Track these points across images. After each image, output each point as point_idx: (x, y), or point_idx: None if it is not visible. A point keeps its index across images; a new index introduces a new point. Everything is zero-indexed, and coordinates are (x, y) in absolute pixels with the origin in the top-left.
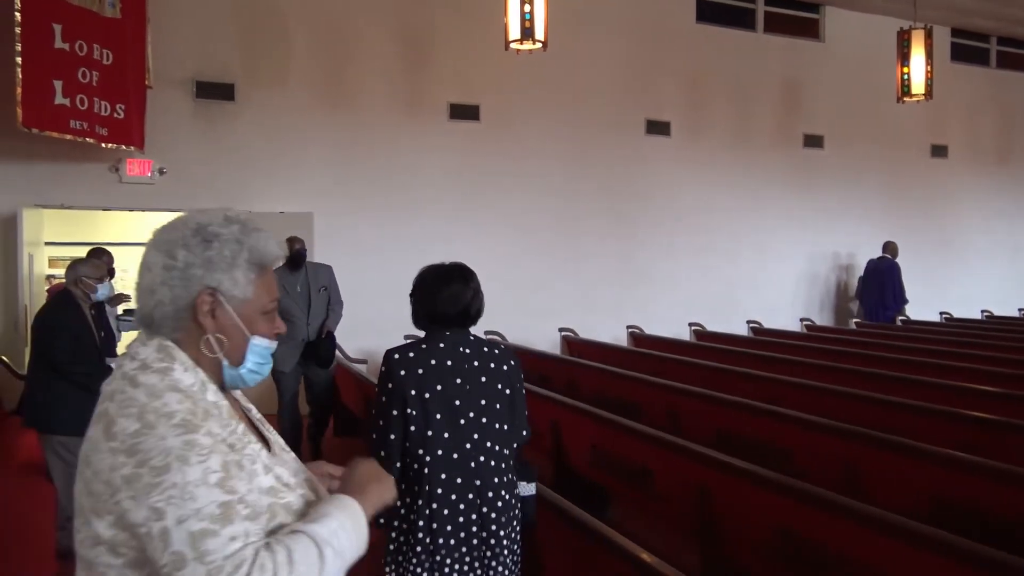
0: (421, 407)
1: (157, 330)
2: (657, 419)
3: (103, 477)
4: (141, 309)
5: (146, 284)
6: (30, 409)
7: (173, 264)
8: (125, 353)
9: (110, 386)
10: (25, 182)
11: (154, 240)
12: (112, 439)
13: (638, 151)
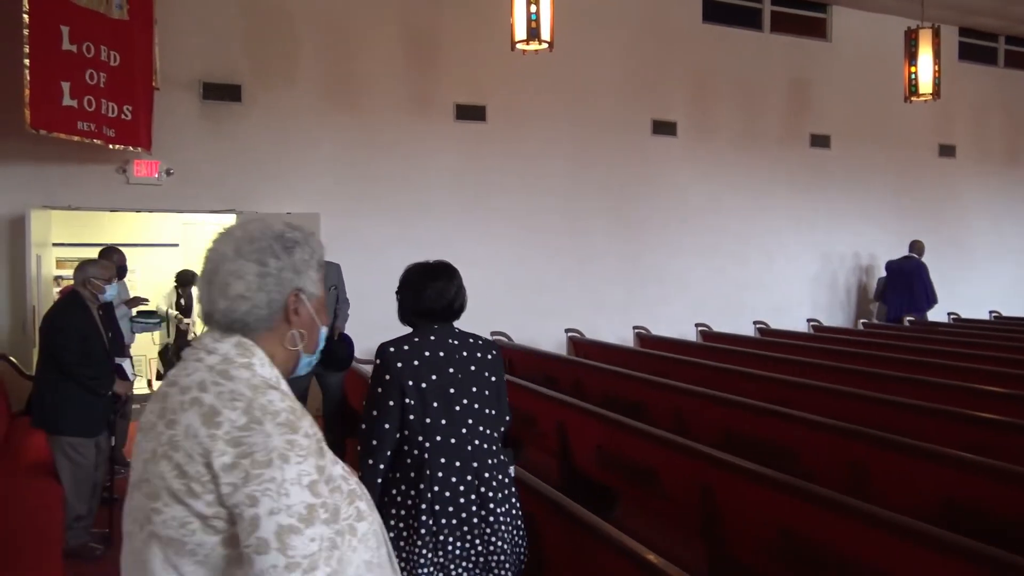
0: (419, 396)
1: (246, 331)
2: (663, 419)
3: (202, 461)
4: (231, 314)
5: (238, 291)
6: (38, 410)
7: (267, 271)
8: (197, 346)
9: (192, 377)
10: (33, 183)
11: (237, 249)
12: (215, 428)
13: (644, 151)
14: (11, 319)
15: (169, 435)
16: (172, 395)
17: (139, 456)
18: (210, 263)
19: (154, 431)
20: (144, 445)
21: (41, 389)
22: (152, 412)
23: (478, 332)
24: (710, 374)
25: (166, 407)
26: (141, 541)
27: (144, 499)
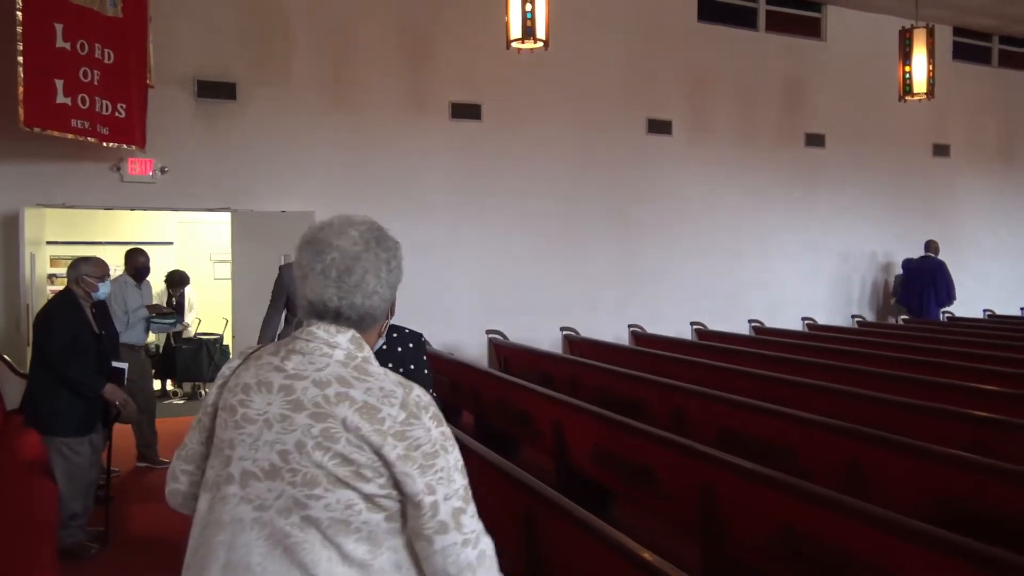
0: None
1: (364, 324)
2: (659, 418)
3: (371, 450)
4: (359, 308)
5: (371, 287)
6: (31, 411)
7: (391, 269)
8: (311, 338)
9: (326, 371)
10: (27, 181)
11: (367, 247)
12: (379, 424)
13: (640, 150)
14: (5, 318)
15: (321, 428)
16: (305, 388)
17: (260, 443)
18: (340, 260)
19: (289, 422)
20: (266, 435)
21: (33, 388)
22: (273, 400)
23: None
24: (706, 372)
25: (301, 400)
26: (291, 525)
27: (288, 487)
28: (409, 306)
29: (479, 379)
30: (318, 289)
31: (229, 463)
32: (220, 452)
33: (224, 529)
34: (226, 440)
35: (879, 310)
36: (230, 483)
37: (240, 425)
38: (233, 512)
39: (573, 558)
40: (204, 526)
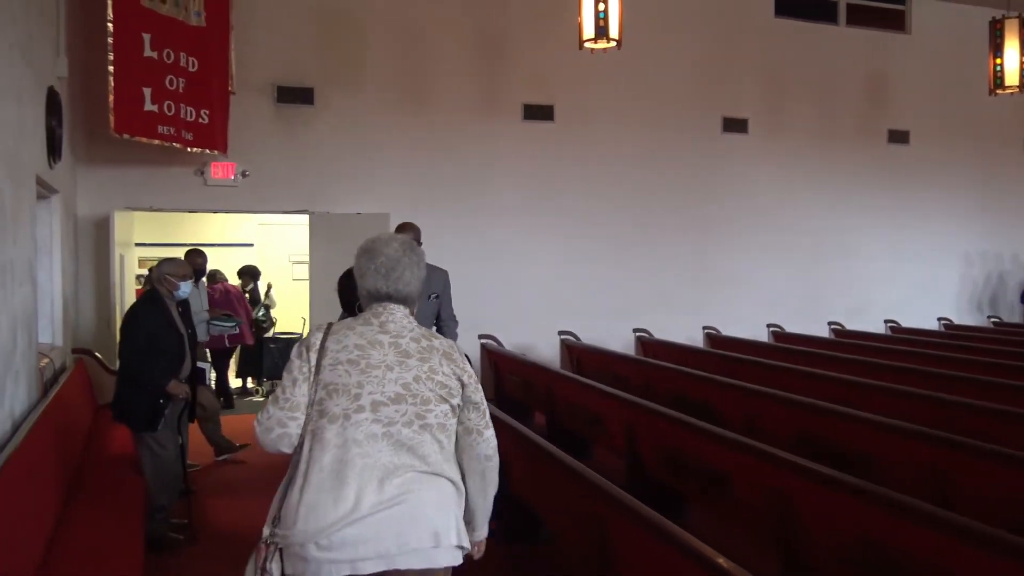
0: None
1: (408, 304)
2: (734, 422)
3: (455, 378)
4: (415, 297)
5: (419, 281)
6: (120, 406)
7: (420, 267)
8: (392, 312)
9: (414, 332)
10: (117, 186)
11: (416, 253)
12: (454, 363)
13: (715, 149)
14: (96, 317)
15: (427, 366)
16: (407, 343)
17: (387, 380)
18: (389, 260)
19: (407, 364)
20: (392, 374)
21: (121, 384)
22: (386, 351)
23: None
24: (782, 376)
25: (407, 350)
26: (414, 431)
27: (411, 407)
28: (482, 307)
29: (551, 380)
30: (376, 283)
31: (360, 398)
32: (346, 392)
33: (359, 443)
34: (353, 383)
35: (971, 312)
36: (361, 412)
37: (366, 371)
38: (367, 430)
39: (645, 562)
40: (341, 445)
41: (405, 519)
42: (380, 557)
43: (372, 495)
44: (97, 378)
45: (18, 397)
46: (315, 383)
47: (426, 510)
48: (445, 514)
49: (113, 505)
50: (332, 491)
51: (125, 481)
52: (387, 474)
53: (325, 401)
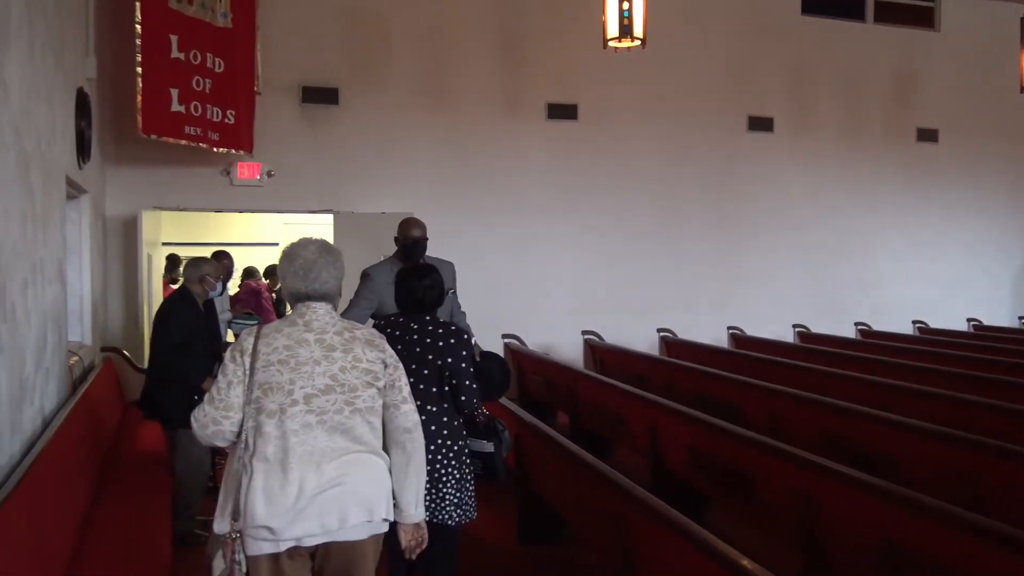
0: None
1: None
2: (759, 423)
3: (380, 364)
4: (334, 294)
5: (337, 280)
6: (151, 404)
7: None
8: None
9: (336, 327)
10: (144, 186)
11: (332, 254)
12: (378, 351)
13: (740, 148)
14: (124, 315)
15: (351, 356)
16: (331, 337)
17: (316, 374)
18: (307, 263)
19: (332, 357)
20: (319, 368)
21: (153, 381)
22: (312, 348)
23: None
24: (808, 377)
25: (332, 344)
26: (344, 416)
27: (341, 395)
28: (505, 306)
29: (574, 379)
30: (295, 284)
31: (292, 393)
32: (280, 389)
33: (296, 433)
34: (285, 380)
35: (1001, 313)
36: (295, 405)
37: (296, 368)
38: (302, 420)
39: (667, 562)
40: (280, 436)
41: (345, 498)
42: (324, 532)
43: (313, 478)
44: (125, 376)
45: (48, 394)
46: (251, 384)
47: (362, 489)
48: (378, 490)
49: (141, 501)
50: (279, 479)
51: (153, 478)
52: (324, 457)
53: (262, 399)
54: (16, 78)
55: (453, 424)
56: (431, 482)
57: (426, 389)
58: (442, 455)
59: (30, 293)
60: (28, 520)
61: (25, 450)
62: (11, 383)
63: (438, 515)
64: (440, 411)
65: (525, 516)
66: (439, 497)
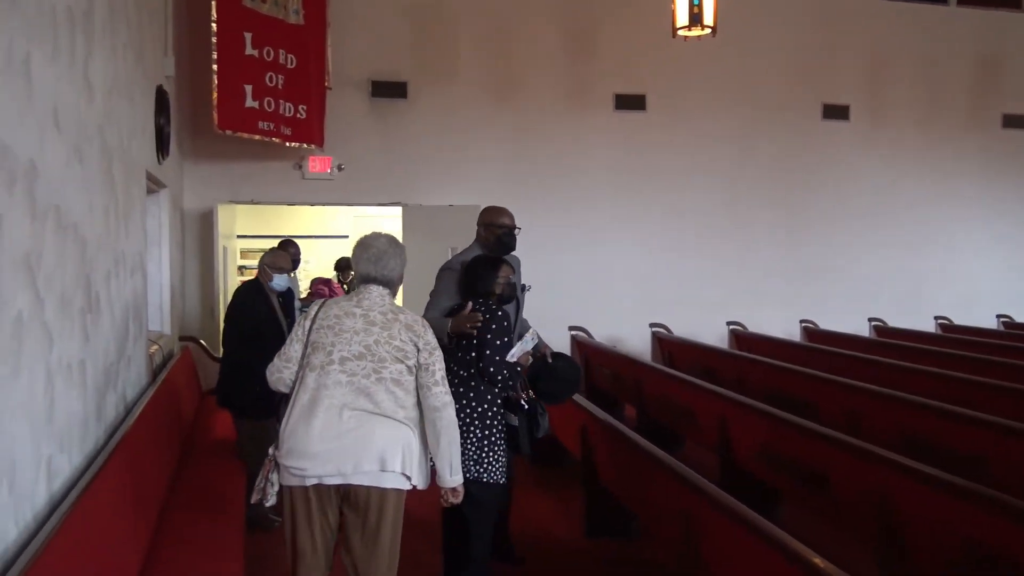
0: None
1: (389, 285)
2: (834, 419)
3: (412, 344)
4: (396, 280)
5: (400, 268)
6: (223, 393)
7: (401, 258)
8: (372, 292)
9: (384, 306)
10: (220, 180)
11: (398, 247)
12: (413, 333)
13: (814, 137)
14: (201, 306)
15: (387, 333)
16: (375, 314)
17: (353, 342)
18: (378, 251)
19: (370, 331)
20: (357, 338)
21: (224, 371)
22: (356, 320)
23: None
24: (885, 372)
25: (373, 319)
26: (371, 382)
27: (370, 363)
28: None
29: (642, 372)
30: (367, 268)
31: (332, 354)
32: (323, 349)
33: (327, 387)
34: (328, 342)
35: None
36: (331, 364)
37: (339, 334)
38: (335, 378)
39: (737, 559)
40: (315, 388)
41: (358, 446)
42: (339, 474)
43: (332, 426)
44: (202, 364)
45: (130, 381)
46: (307, 343)
47: (374, 440)
48: (392, 446)
49: (216, 486)
50: (305, 422)
51: (227, 463)
52: (344, 411)
53: (310, 356)
54: (100, 77)
55: (479, 389)
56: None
57: (461, 357)
58: (465, 414)
59: (113, 284)
60: (110, 505)
61: (108, 435)
62: (96, 371)
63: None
64: (469, 376)
65: (592, 510)
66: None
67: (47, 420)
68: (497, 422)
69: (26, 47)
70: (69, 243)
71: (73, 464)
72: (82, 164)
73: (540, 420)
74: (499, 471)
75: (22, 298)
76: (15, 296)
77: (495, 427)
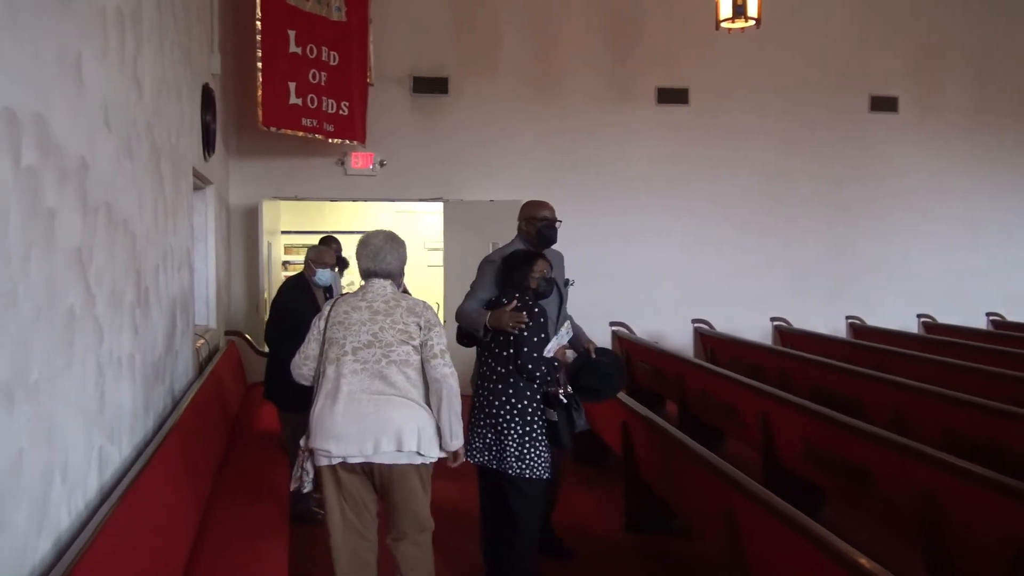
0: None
1: (392, 278)
2: (879, 417)
3: (415, 326)
4: (395, 272)
5: (399, 262)
6: (267, 386)
7: (399, 252)
8: (375, 284)
9: (386, 294)
10: (264, 176)
11: (396, 242)
12: (416, 316)
13: (861, 129)
14: (247, 301)
15: (390, 319)
16: (376, 304)
17: (361, 332)
18: (375, 247)
19: (375, 320)
20: (364, 328)
21: (269, 365)
22: (362, 312)
23: (678, 319)
24: (934, 370)
25: (376, 309)
26: (383, 366)
27: (379, 349)
28: (614, 294)
29: (684, 368)
30: (367, 264)
31: (344, 346)
32: (337, 343)
33: (345, 376)
34: (340, 336)
35: None
36: (346, 355)
37: (348, 327)
38: (350, 367)
39: (779, 557)
40: (335, 378)
41: (377, 428)
42: (362, 455)
43: (353, 411)
44: (247, 358)
45: (177, 374)
46: (323, 339)
47: (392, 423)
48: (408, 427)
49: (261, 480)
50: (329, 409)
51: (272, 457)
52: (363, 396)
53: (327, 350)
54: (148, 75)
55: (519, 385)
56: (495, 434)
57: (499, 352)
58: (506, 411)
59: (161, 279)
60: (159, 495)
61: (157, 427)
62: (144, 364)
63: (501, 464)
64: (508, 373)
65: (632, 504)
66: (500, 448)
67: (98, 411)
68: (537, 417)
69: (78, 47)
70: (119, 238)
71: (123, 455)
72: (131, 161)
73: (575, 416)
74: (542, 466)
75: (74, 292)
76: (67, 290)
77: (536, 423)
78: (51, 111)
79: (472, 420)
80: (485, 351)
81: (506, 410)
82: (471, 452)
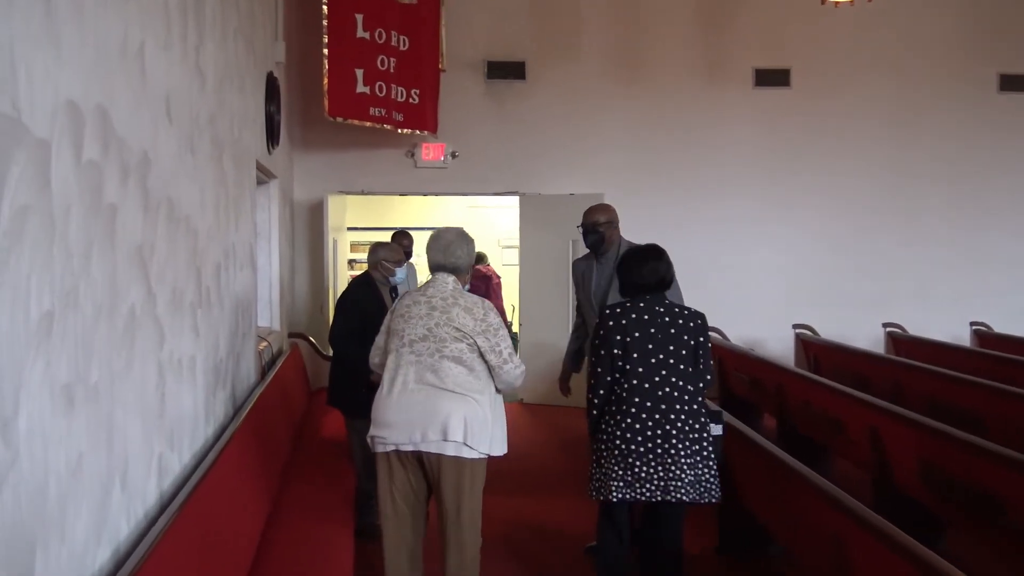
0: (623, 348)
1: (458, 274)
2: (1010, 436)
3: (471, 325)
4: (463, 268)
5: (468, 257)
6: (332, 392)
7: (468, 247)
8: (440, 278)
9: (446, 290)
10: (329, 170)
11: (465, 240)
12: (472, 316)
13: (988, 112)
14: (310, 301)
15: (447, 316)
16: (436, 300)
17: (418, 326)
18: (447, 242)
19: (432, 315)
20: (421, 322)
21: (334, 369)
22: (421, 307)
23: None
24: None
25: (434, 304)
26: (436, 360)
27: (433, 343)
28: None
29: (783, 378)
30: (436, 257)
31: (403, 337)
32: (398, 335)
33: (402, 367)
34: (400, 328)
35: None
36: (404, 347)
37: (408, 320)
38: (407, 359)
39: None
40: (394, 368)
41: (425, 417)
42: (411, 443)
43: (405, 399)
44: (311, 362)
45: (239, 378)
46: (388, 331)
47: (439, 412)
48: (455, 416)
49: (324, 491)
50: (386, 396)
51: (336, 467)
52: (416, 387)
53: (389, 342)
54: (211, 65)
55: (693, 407)
56: (658, 459)
57: (682, 368)
58: (676, 430)
59: (223, 278)
60: (220, 506)
61: (217, 434)
62: (206, 368)
63: (672, 493)
64: (684, 389)
65: (725, 525)
66: (672, 477)
67: (158, 416)
68: (702, 436)
69: (140, 36)
70: (180, 236)
71: (182, 462)
72: (193, 155)
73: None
74: (715, 486)
75: (135, 292)
76: (128, 290)
77: (703, 444)
78: (113, 104)
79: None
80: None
81: (677, 428)
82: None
